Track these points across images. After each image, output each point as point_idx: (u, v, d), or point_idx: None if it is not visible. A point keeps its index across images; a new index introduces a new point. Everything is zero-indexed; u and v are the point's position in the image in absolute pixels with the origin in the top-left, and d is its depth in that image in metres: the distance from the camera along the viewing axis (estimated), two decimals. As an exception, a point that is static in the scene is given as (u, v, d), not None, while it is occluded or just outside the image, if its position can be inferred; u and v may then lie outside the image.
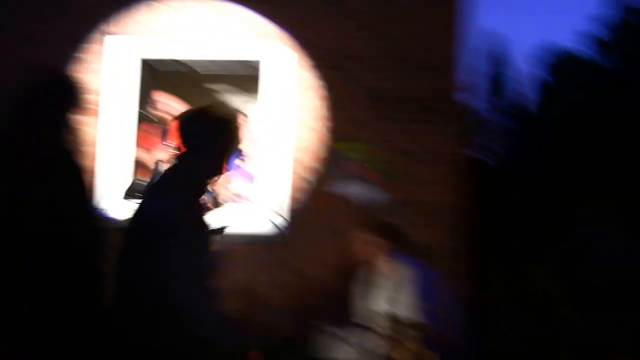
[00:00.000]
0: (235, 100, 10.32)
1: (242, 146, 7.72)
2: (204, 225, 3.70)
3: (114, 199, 7.29)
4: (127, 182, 7.62)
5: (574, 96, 22.72)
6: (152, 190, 4.22)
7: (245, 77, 8.26)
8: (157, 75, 8.17)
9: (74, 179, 3.62)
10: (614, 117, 20.85)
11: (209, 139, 3.85)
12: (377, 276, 5.67)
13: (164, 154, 7.68)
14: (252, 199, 7.61)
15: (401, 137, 7.06)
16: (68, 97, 3.79)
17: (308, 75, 7.28)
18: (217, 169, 3.96)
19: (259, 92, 7.50)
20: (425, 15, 7.25)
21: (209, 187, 3.98)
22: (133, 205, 3.72)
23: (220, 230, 3.90)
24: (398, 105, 7.11)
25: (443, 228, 6.94)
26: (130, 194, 7.65)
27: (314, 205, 7.11)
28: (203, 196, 3.82)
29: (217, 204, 6.67)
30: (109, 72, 7.43)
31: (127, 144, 7.58)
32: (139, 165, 7.79)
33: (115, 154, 7.43)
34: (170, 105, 7.86)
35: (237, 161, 7.71)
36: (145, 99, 7.98)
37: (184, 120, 4.08)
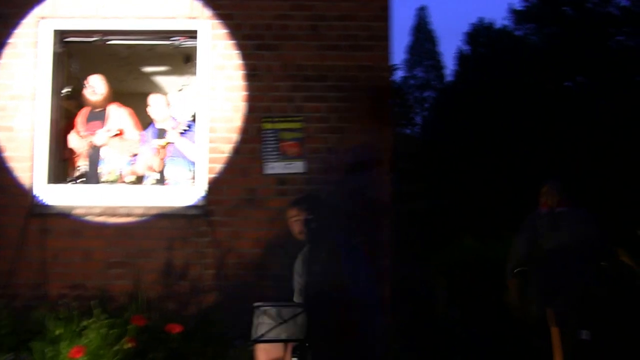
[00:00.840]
0: (159, 73, 10.32)
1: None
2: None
3: (48, 185, 7.24)
4: (59, 167, 7.58)
5: (496, 68, 23.11)
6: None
7: (165, 49, 8.26)
8: (79, 51, 8.11)
9: None
10: (531, 87, 21.27)
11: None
12: (304, 250, 5.72)
13: (101, 139, 7.65)
14: (178, 174, 7.65)
15: (333, 116, 7.12)
16: None
17: (235, 54, 7.28)
18: None
19: (186, 66, 7.49)
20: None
21: None
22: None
23: None
24: (329, 84, 7.17)
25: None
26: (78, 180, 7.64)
27: (238, 179, 7.13)
28: None
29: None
30: (38, 54, 7.32)
31: (54, 127, 7.49)
32: (74, 150, 7.78)
33: (48, 139, 7.32)
34: (97, 83, 7.80)
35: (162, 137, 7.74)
36: (73, 79, 7.92)
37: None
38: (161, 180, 7.65)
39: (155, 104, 7.80)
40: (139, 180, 7.83)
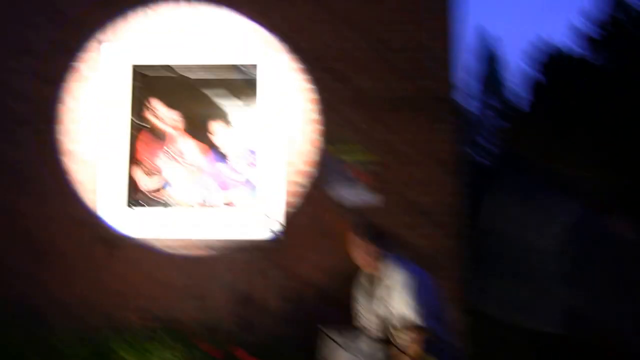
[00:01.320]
0: (228, 105, 10.37)
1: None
2: None
3: (114, 209, 7.32)
4: (125, 191, 7.67)
5: (565, 94, 22.75)
6: None
7: (234, 81, 8.28)
8: (149, 82, 8.20)
9: None
10: (604, 115, 20.90)
11: None
12: (373, 280, 5.66)
13: (166, 162, 7.72)
14: (248, 205, 7.68)
15: (395, 139, 7.09)
16: None
17: (300, 79, 7.30)
18: None
19: (256, 97, 7.53)
20: (416, 17, 7.27)
21: None
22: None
23: None
24: (391, 107, 7.14)
25: (438, 229, 6.98)
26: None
27: (308, 209, 7.14)
28: None
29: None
30: (103, 81, 7.45)
31: (124, 153, 7.61)
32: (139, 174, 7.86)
33: (112, 163, 7.45)
34: (166, 113, 7.89)
35: (232, 168, 7.78)
36: (140, 107, 8.01)
37: None
38: (227, 208, 7.70)
39: (217, 131, 7.86)
40: (203, 204, 7.88)
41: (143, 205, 7.65)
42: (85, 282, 7.13)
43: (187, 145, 7.90)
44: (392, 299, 5.34)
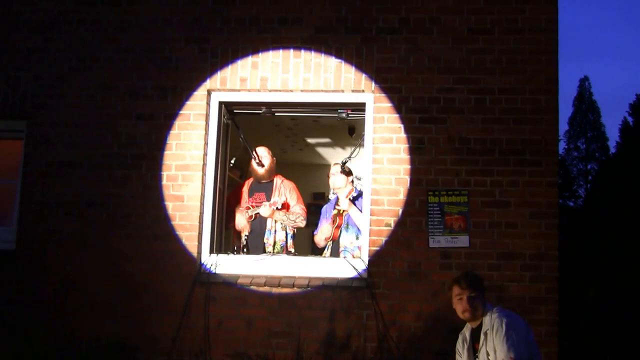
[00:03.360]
0: (324, 147, 10.45)
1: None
2: None
3: (213, 253, 7.41)
4: (225, 236, 7.81)
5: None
6: None
7: (333, 125, 8.32)
8: (251, 128, 8.29)
9: None
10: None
11: None
12: (475, 333, 5.62)
13: (266, 211, 7.77)
14: (347, 244, 7.71)
15: (498, 190, 7.03)
16: None
17: (400, 127, 7.29)
18: None
19: (359, 140, 7.56)
20: (519, 67, 7.23)
21: None
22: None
23: None
24: (495, 158, 7.09)
25: (529, 272, 6.90)
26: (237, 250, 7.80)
27: (395, 250, 7.09)
28: None
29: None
30: (208, 127, 7.56)
31: (223, 199, 7.76)
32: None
33: (214, 209, 7.54)
34: (271, 161, 7.95)
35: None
36: (245, 155, 8.09)
37: None
38: (336, 249, 7.75)
39: (335, 173, 7.92)
40: (320, 250, 7.95)
41: (239, 250, 7.74)
42: (181, 323, 7.17)
43: (283, 188, 7.96)
44: (486, 344, 5.32)
